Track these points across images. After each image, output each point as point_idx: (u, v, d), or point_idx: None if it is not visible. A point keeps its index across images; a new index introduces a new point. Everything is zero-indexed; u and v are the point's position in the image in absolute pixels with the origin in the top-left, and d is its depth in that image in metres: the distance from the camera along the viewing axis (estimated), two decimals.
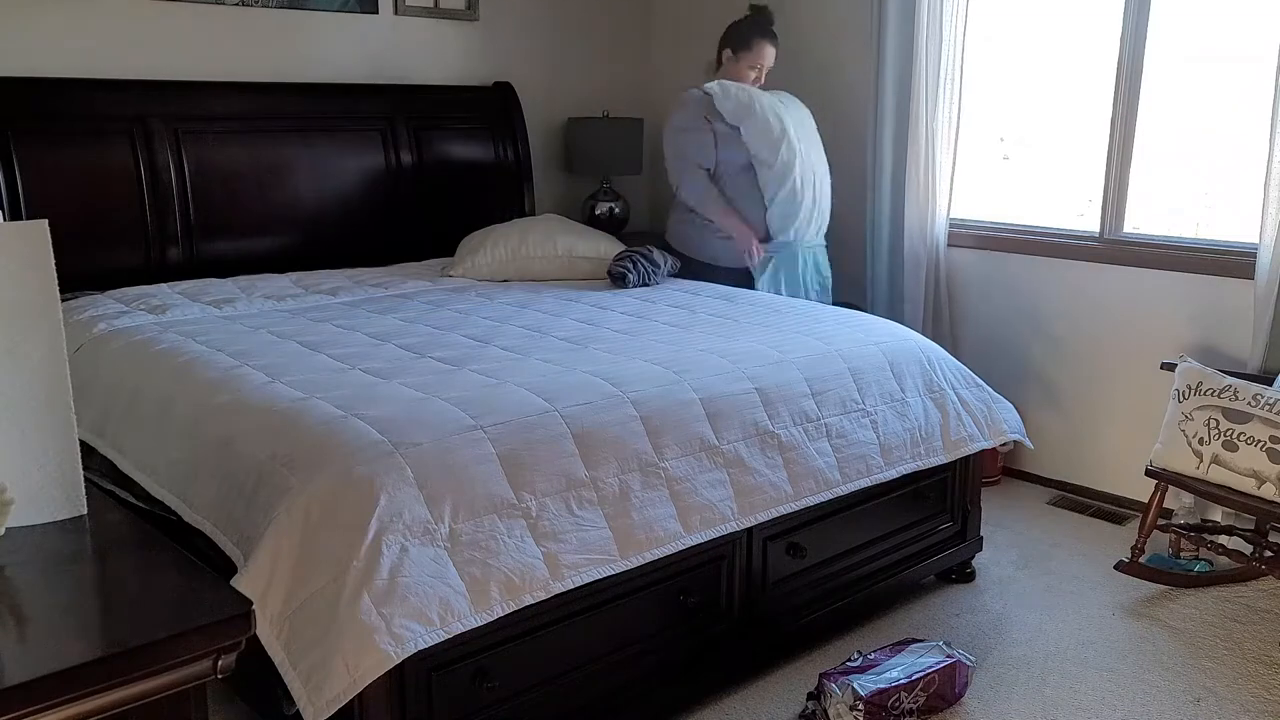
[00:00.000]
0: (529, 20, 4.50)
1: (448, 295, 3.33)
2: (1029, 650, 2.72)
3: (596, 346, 2.65)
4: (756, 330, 2.88)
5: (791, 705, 2.47)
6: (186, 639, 1.12)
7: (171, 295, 3.14)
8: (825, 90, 4.21)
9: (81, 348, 2.75)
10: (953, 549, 3.04)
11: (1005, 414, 3.03)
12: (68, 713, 1.05)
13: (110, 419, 2.50)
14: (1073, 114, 3.75)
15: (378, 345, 2.66)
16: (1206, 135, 3.51)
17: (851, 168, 4.15)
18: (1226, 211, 3.53)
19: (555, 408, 2.19)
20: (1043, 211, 3.88)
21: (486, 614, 1.90)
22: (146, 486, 2.26)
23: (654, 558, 2.18)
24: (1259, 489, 2.79)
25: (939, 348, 3.03)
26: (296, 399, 2.20)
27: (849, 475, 2.58)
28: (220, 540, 2.00)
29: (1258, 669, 2.64)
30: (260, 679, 1.86)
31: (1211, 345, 3.38)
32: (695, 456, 2.31)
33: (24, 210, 3.17)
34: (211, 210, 3.55)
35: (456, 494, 1.96)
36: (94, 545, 1.35)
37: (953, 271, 3.96)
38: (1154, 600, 3.01)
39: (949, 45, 3.71)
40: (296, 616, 1.82)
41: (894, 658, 2.47)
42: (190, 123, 3.52)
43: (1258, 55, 3.20)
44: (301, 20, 3.84)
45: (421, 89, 4.13)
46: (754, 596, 2.50)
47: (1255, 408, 2.82)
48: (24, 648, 1.11)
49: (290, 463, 1.98)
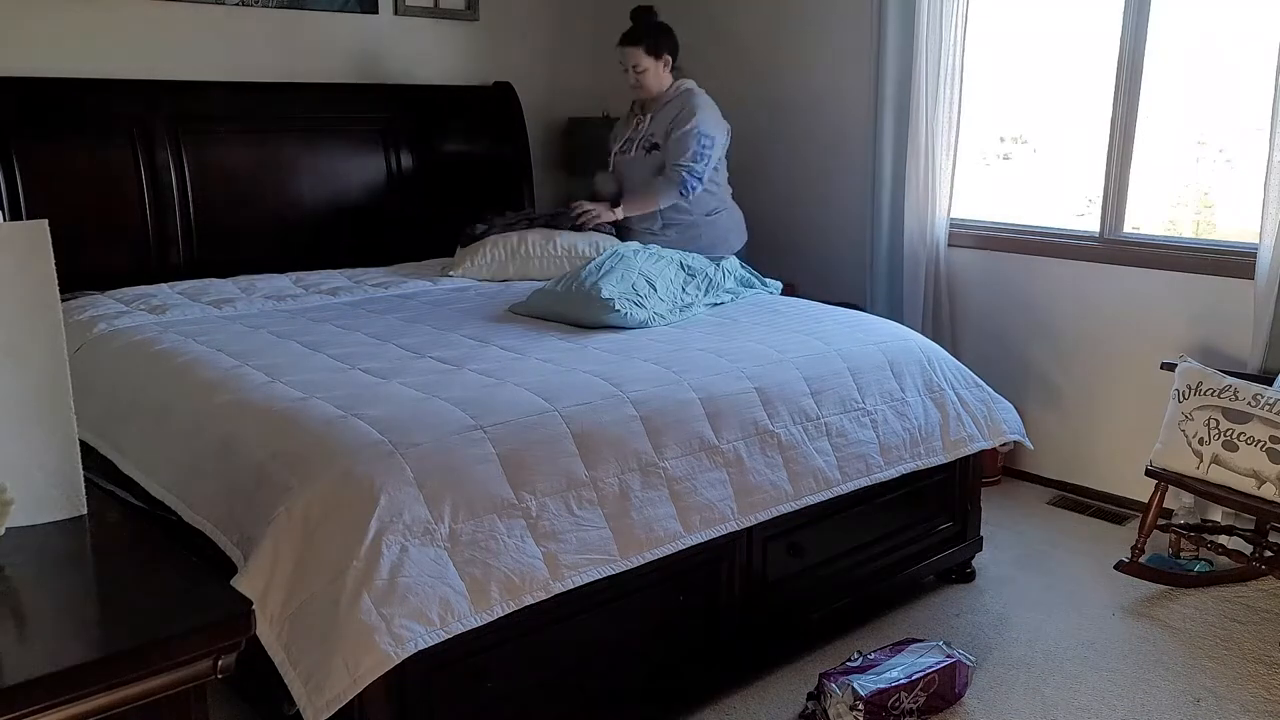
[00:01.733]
0: (529, 20, 4.50)
1: (448, 295, 3.33)
2: (1029, 650, 2.72)
3: (596, 346, 2.65)
4: (756, 330, 2.88)
5: (791, 705, 2.47)
6: (186, 639, 1.12)
7: (171, 295, 3.14)
8: (825, 90, 4.21)
9: (81, 348, 2.75)
10: (953, 549, 3.04)
11: (1005, 414, 3.03)
12: (68, 713, 1.05)
13: (110, 419, 2.50)
14: (1072, 114, 3.75)
15: (378, 345, 2.66)
16: (1207, 135, 3.51)
17: (852, 168, 4.15)
18: (1226, 211, 3.53)
19: (555, 408, 2.19)
20: (1043, 211, 3.88)
21: (486, 614, 1.90)
22: (146, 486, 2.26)
23: (654, 558, 2.18)
24: (1259, 489, 2.79)
25: (939, 347, 3.03)
26: (296, 399, 2.20)
27: (849, 475, 2.58)
28: (220, 540, 2.00)
29: (1258, 669, 2.64)
30: (260, 679, 1.86)
31: (1211, 345, 3.38)
32: (695, 456, 2.31)
33: (24, 210, 3.18)
34: (212, 210, 3.55)
35: (456, 494, 1.96)
36: (94, 545, 1.35)
37: (953, 271, 3.96)
38: (1154, 600, 3.01)
39: (949, 45, 3.71)
40: (296, 616, 1.82)
41: (894, 658, 2.47)
42: (190, 123, 3.52)
43: (1258, 55, 3.20)
44: (301, 20, 3.84)
45: (421, 89, 4.13)
46: (754, 596, 2.50)
47: (1255, 408, 2.82)
48: (24, 648, 1.11)
49: (290, 463, 1.98)
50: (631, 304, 2.87)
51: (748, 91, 4.43)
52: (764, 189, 4.44)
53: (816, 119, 4.25)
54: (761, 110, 4.41)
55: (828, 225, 4.29)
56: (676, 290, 3.07)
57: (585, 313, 2.85)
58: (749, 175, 4.47)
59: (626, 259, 3.08)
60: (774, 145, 4.41)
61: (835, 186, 4.25)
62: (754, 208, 4.43)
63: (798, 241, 4.38)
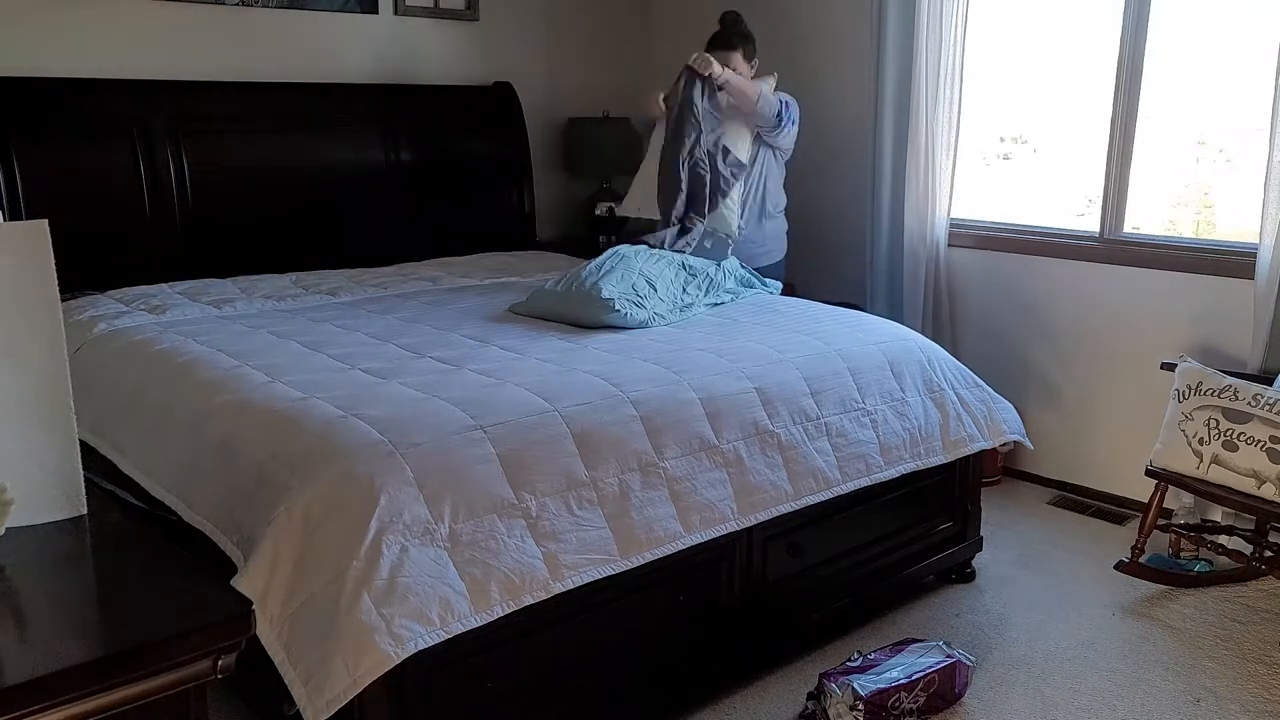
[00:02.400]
0: (529, 20, 4.50)
1: (448, 295, 3.33)
2: (1029, 650, 2.72)
3: (596, 346, 2.65)
4: (756, 330, 2.88)
5: (791, 705, 2.47)
6: (186, 639, 1.12)
7: (171, 295, 3.14)
8: (826, 90, 4.21)
9: (81, 348, 2.75)
10: (953, 549, 3.04)
11: (1005, 414, 3.03)
12: (68, 713, 1.05)
13: (110, 419, 2.50)
14: (1072, 114, 3.75)
15: (378, 345, 2.66)
16: (1207, 135, 3.51)
17: (852, 167, 4.15)
18: (1226, 211, 3.53)
19: (555, 408, 2.19)
20: (1042, 211, 3.88)
21: (486, 614, 1.90)
22: (146, 486, 2.26)
23: (654, 558, 2.18)
24: (1259, 489, 2.79)
25: (939, 347, 3.03)
26: (296, 399, 2.20)
27: (849, 474, 2.58)
28: (220, 540, 2.00)
29: (1258, 669, 2.64)
30: (260, 679, 1.86)
31: (1211, 345, 3.38)
32: (695, 456, 2.31)
33: (24, 210, 3.17)
34: (212, 210, 3.55)
35: (456, 494, 1.96)
36: (94, 545, 1.35)
37: (953, 271, 3.96)
38: (1154, 600, 3.01)
39: (949, 45, 3.71)
40: (296, 616, 1.82)
41: (894, 658, 2.47)
42: (190, 123, 3.52)
43: (1258, 55, 3.20)
44: (301, 20, 3.84)
45: (421, 89, 4.13)
46: (754, 596, 2.50)
47: (1255, 408, 2.82)
48: (24, 648, 1.11)
49: (290, 463, 1.98)
50: (631, 304, 2.87)
51: None
52: None
53: (816, 119, 4.25)
54: None
55: (828, 225, 4.29)
56: (677, 290, 3.07)
57: (585, 313, 2.85)
58: None
59: (627, 259, 3.08)
60: None
61: (835, 186, 4.25)
62: None
63: (798, 241, 4.37)
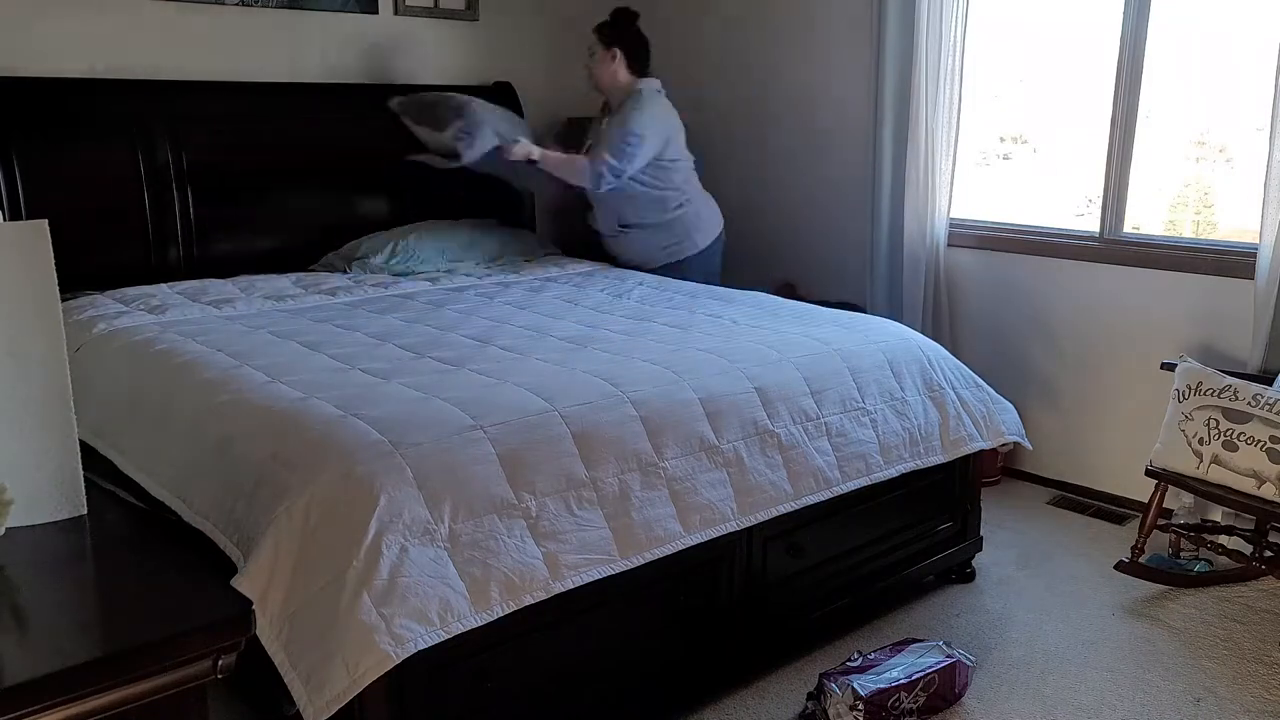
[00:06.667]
0: (529, 20, 4.50)
1: (448, 295, 3.33)
2: (1029, 650, 2.72)
3: (596, 347, 2.65)
4: (756, 330, 2.88)
5: (791, 705, 2.47)
6: (186, 639, 1.12)
7: (171, 295, 3.14)
8: (826, 90, 4.21)
9: (81, 348, 2.75)
10: (953, 549, 3.04)
11: (1004, 415, 3.03)
12: (68, 713, 1.05)
13: (110, 419, 2.50)
14: (1072, 114, 3.75)
15: (378, 345, 2.66)
16: (1206, 135, 3.51)
17: (852, 168, 4.15)
18: (1226, 211, 3.53)
19: (555, 408, 2.19)
20: (1042, 211, 3.88)
21: (486, 614, 1.90)
22: (146, 486, 2.26)
23: (654, 558, 2.18)
24: (1259, 489, 2.79)
25: (939, 347, 3.03)
26: (296, 399, 2.20)
27: (848, 474, 2.58)
28: (220, 540, 2.00)
29: (1258, 669, 2.64)
30: (260, 679, 1.86)
31: (1211, 345, 3.38)
32: (695, 456, 2.31)
33: (24, 210, 3.17)
34: (211, 210, 3.55)
35: (456, 494, 1.96)
36: (94, 545, 1.35)
37: (953, 271, 3.96)
38: (1154, 600, 3.01)
39: (949, 45, 3.71)
40: (296, 616, 1.82)
41: (894, 658, 2.47)
42: (190, 123, 3.52)
43: (1258, 55, 3.20)
44: (301, 20, 3.84)
45: (422, 89, 4.12)
46: (754, 596, 2.50)
47: (1255, 408, 2.82)
48: (24, 648, 1.11)
49: (290, 463, 1.98)
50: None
51: (748, 92, 4.43)
52: (764, 189, 4.44)
53: (816, 119, 4.25)
54: (762, 110, 4.41)
55: (828, 225, 4.29)
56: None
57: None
58: (749, 175, 4.48)
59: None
60: (774, 145, 4.41)
61: (835, 186, 4.25)
62: (754, 208, 4.44)
63: (798, 241, 4.38)
